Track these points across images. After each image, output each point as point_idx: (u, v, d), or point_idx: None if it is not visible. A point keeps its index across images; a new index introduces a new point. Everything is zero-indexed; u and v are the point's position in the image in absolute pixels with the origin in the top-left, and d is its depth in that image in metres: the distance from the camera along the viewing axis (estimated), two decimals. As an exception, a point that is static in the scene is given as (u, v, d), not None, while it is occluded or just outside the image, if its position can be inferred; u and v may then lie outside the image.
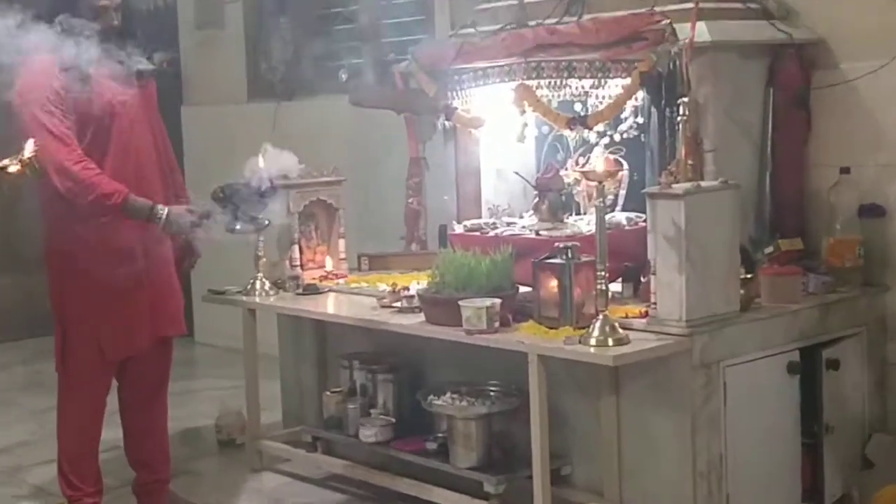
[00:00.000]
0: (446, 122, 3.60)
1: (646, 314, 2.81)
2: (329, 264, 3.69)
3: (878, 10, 3.11)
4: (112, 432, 3.27)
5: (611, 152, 3.37)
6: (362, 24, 4.60)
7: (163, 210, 2.97)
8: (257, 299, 3.50)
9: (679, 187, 2.74)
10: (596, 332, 2.67)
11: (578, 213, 3.39)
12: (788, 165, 3.20)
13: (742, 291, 2.84)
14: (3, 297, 5.46)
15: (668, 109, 3.01)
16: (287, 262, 3.63)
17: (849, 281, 3.09)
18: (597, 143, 3.40)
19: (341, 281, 3.59)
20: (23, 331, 5.43)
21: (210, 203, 3.07)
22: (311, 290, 3.50)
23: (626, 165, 3.35)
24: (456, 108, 3.54)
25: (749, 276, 2.90)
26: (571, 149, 3.50)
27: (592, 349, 2.66)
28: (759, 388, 2.87)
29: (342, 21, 4.68)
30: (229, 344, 4.61)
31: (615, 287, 3.03)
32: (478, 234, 3.32)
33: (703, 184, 2.80)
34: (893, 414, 3.16)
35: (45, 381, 4.62)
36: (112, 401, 3.19)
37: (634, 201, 3.25)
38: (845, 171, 3.13)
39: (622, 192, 3.37)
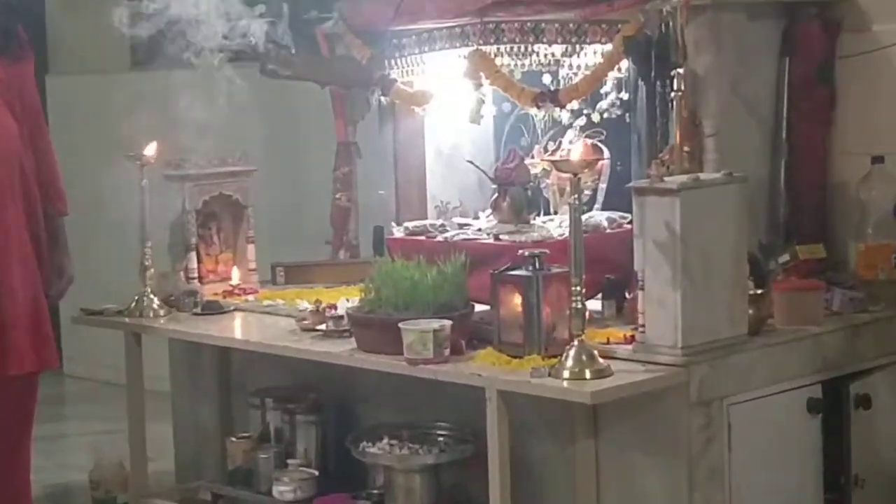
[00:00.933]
0: (382, 98, 3.62)
1: (632, 339, 2.81)
2: (235, 276, 3.68)
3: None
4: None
5: (588, 136, 3.38)
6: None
7: None
8: (144, 321, 3.48)
9: (673, 181, 2.75)
10: (570, 363, 2.66)
11: (548, 213, 3.41)
12: (808, 153, 3.25)
13: (751, 311, 2.85)
14: None
15: (659, 83, 3.04)
16: (182, 274, 3.62)
17: (883, 297, 3.10)
18: (571, 125, 3.42)
19: (251, 297, 3.59)
20: None
21: None
22: (213, 309, 3.49)
23: (606, 152, 3.37)
24: (395, 81, 3.56)
25: (760, 291, 2.91)
26: (539, 131, 3.51)
27: (566, 383, 2.65)
28: (772, 430, 2.87)
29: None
30: (108, 377, 4.61)
31: (594, 305, 3.03)
32: (423, 238, 3.33)
33: (702, 176, 2.81)
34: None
35: None
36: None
37: (618, 197, 3.26)
38: (878, 160, 3.16)
39: (602, 186, 3.39)
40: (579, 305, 2.67)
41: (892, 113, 3.23)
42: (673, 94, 2.98)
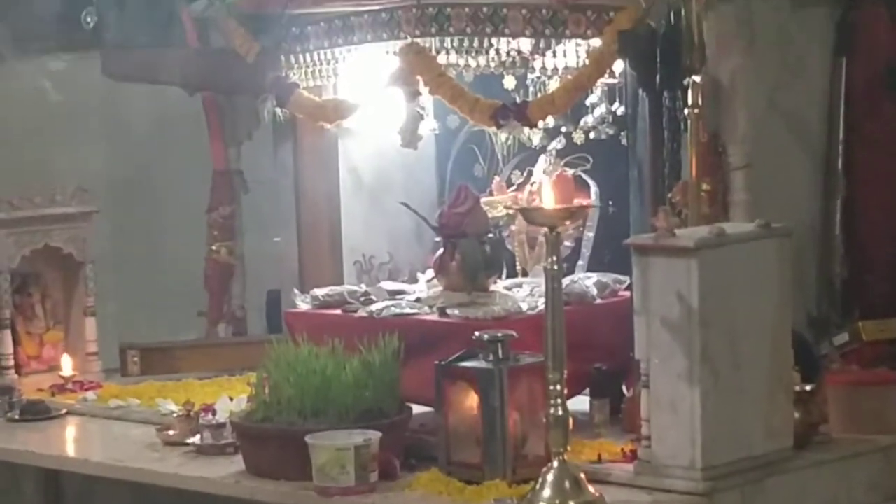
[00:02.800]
0: (278, 110, 3.68)
1: (633, 455, 2.88)
2: (68, 365, 3.71)
3: None
4: None
5: (569, 164, 3.47)
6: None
7: None
8: None
9: (688, 235, 2.81)
10: (547, 492, 2.70)
11: (513, 273, 3.48)
12: (874, 191, 3.33)
13: (797, 415, 2.93)
14: None
15: (667, 94, 3.11)
16: None
17: None
18: (544, 149, 3.50)
19: (90, 395, 3.61)
20: None
21: None
22: (36, 413, 3.52)
23: (595, 188, 3.45)
24: (296, 86, 3.62)
25: (809, 387, 2.99)
26: (500, 157, 3.61)
27: None
28: None
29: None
30: None
31: (580, 404, 3.09)
32: (338, 312, 3.38)
33: (728, 228, 2.87)
34: None
35: None
36: None
37: (611, 251, 3.35)
38: (972, 205, 3.28)
39: (589, 235, 3.48)
40: (559, 412, 2.71)
41: None
42: (687, 111, 3.04)
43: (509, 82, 3.46)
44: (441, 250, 3.35)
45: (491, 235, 3.38)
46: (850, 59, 3.31)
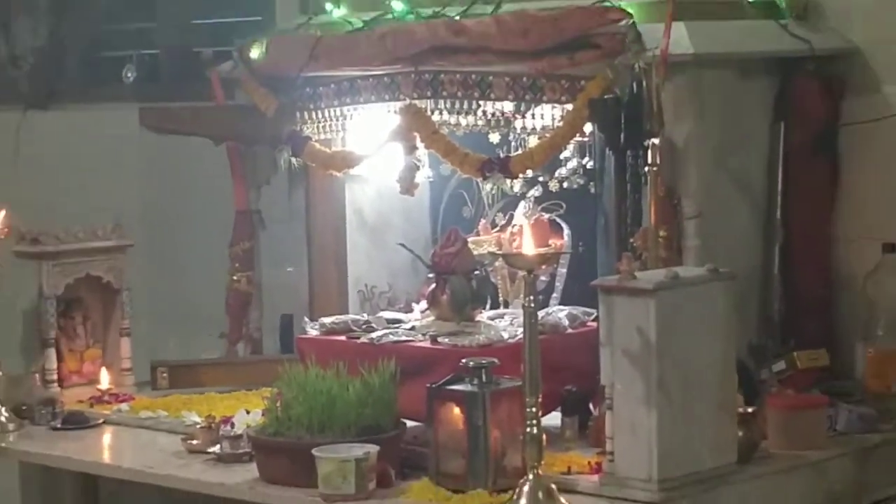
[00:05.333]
0: (293, 159, 3.67)
1: (598, 468, 2.87)
2: (105, 379, 3.70)
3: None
4: None
5: (545, 209, 3.48)
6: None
7: None
8: None
9: (647, 279, 2.81)
10: (523, 501, 2.70)
11: (496, 306, 3.48)
12: (807, 239, 3.33)
13: (741, 433, 2.92)
14: None
15: (630, 153, 3.10)
16: (37, 377, 3.63)
17: None
18: (523, 196, 3.49)
19: (124, 406, 3.60)
20: None
21: None
22: (76, 423, 3.50)
23: (567, 230, 3.47)
24: (309, 139, 3.62)
25: (750, 409, 2.99)
26: (486, 202, 3.61)
27: None
28: None
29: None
30: None
31: (552, 420, 3.08)
32: (343, 338, 3.37)
33: (682, 273, 2.88)
34: None
35: None
36: None
37: (581, 287, 3.33)
38: (890, 248, 3.25)
39: (562, 272, 3.48)
40: (535, 431, 2.72)
41: None
42: (647, 168, 3.04)
43: (494, 138, 3.46)
44: (433, 285, 3.35)
45: (477, 272, 3.38)
46: (787, 124, 3.31)
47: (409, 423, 3.07)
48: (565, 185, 3.42)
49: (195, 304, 4.07)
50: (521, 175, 3.35)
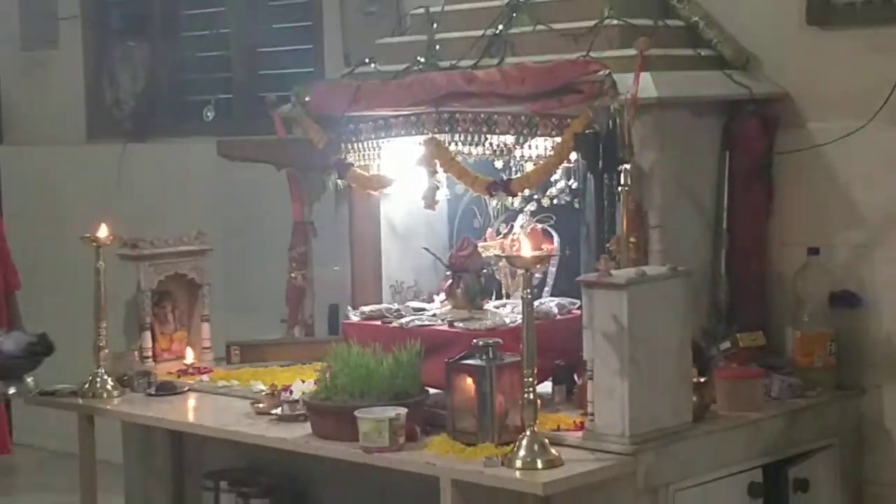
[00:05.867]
0: (339, 181, 3.65)
1: (581, 426, 2.88)
2: (189, 356, 3.69)
3: (854, 60, 3.28)
4: None
5: (538, 221, 3.47)
6: (234, 51, 4.65)
7: None
8: (97, 402, 3.45)
9: (620, 276, 2.82)
10: (522, 452, 2.71)
11: (500, 295, 3.47)
12: (747, 245, 3.32)
13: (695, 398, 2.93)
14: None
15: (606, 176, 3.09)
16: (136, 354, 3.63)
17: (819, 383, 3.20)
18: (522, 209, 3.49)
19: (205, 377, 3.59)
20: None
21: None
22: (166, 390, 3.49)
23: (556, 237, 3.46)
24: (351, 165, 3.61)
25: (703, 379, 3.00)
26: (492, 215, 3.60)
27: (518, 473, 2.69)
28: None
29: (208, 46, 4.72)
30: (58, 446, 4.51)
31: (544, 388, 3.09)
32: (378, 323, 3.37)
33: (648, 271, 2.89)
34: (872, 542, 3.30)
35: None
36: None
37: (567, 282, 3.33)
38: (814, 252, 3.25)
39: (552, 270, 3.47)
40: (531, 396, 2.73)
41: (825, 207, 3.31)
42: (620, 188, 3.04)
43: (498, 164, 3.44)
44: (450, 281, 3.36)
45: (485, 271, 3.39)
46: (732, 154, 3.31)
47: (431, 391, 3.07)
48: (555, 201, 3.42)
49: (261, 296, 4.04)
50: (519, 193, 3.35)
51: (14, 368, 2.86)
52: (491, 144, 3.38)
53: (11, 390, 2.92)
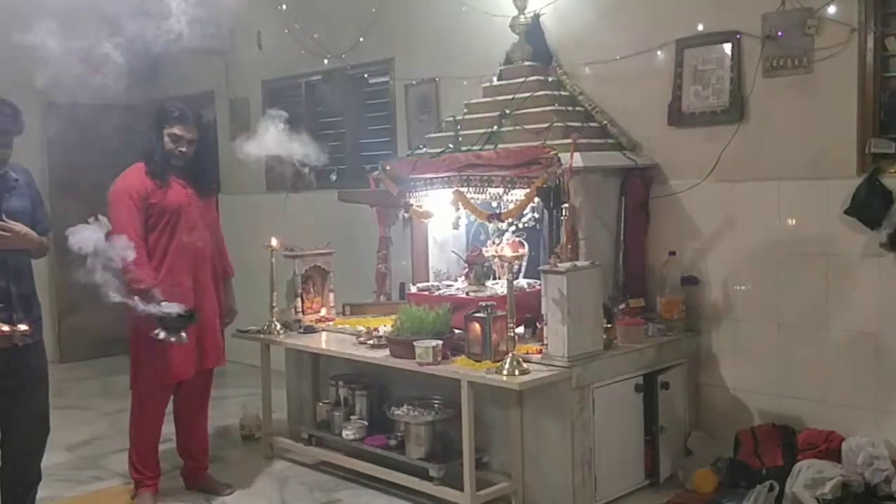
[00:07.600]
0: (405, 214, 3.64)
1: (540, 352, 2.87)
2: (322, 311, 3.67)
3: (695, 144, 3.25)
4: (167, 428, 3.20)
5: (517, 236, 3.45)
6: (347, 142, 4.66)
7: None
8: (271, 337, 3.46)
9: (562, 266, 2.82)
10: (507, 366, 2.71)
11: (496, 279, 3.45)
12: (634, 249, 3.30)
13: (604, 336, 2.92)
14: (84, 329, 5.34)
15: (555, 210, 3.11)
16: (293, 310, 3.62)
17: (675, 328, 3.18)
18: (507, 230, 3.47)
19: (331, 323, 3.58)
20: (98, 352, 5.37)
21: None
22: (310, 330, 3.49)
23: (527, 246, 3.43)
24: (412, 204, 3.59)
25: (609, 325, 2.98)
26: (491, 233, 3.58)
27: (505, 377, 2.69)
28: (616, 402, 2.93)
29: (335, 139, 4.74)
30: (251, 361, 4.50)
31: (520, 330, 3.08)
32: (427, 293, 3.36)
33: (578, 263, 2.87)
34: (704, 418, 3.25)
35: (115, 391, 4.54)
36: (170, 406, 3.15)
37: (533, 270, 3.32)
38: (672, 253, 3.24)
39: (524, 265, 3.44)
40: (512, 334, 2.73)
41: (679, 228, 3.28)
42: (563, 217, 3.04)
43: (494, 204, 3.38)
44: (467, 269, 3.35)
45: (487, 264, 3.37)
46: (625, 198, 3.27)
47: (457, 331, 3.05)
48: (526, 225, 3.39)
49: (363, 278, 3.99)
50: (506, 221, 3.33)
51: (175, 327, 2.90)
52: (490, 194, 3.36)
53: (173, 339, 2.92)
